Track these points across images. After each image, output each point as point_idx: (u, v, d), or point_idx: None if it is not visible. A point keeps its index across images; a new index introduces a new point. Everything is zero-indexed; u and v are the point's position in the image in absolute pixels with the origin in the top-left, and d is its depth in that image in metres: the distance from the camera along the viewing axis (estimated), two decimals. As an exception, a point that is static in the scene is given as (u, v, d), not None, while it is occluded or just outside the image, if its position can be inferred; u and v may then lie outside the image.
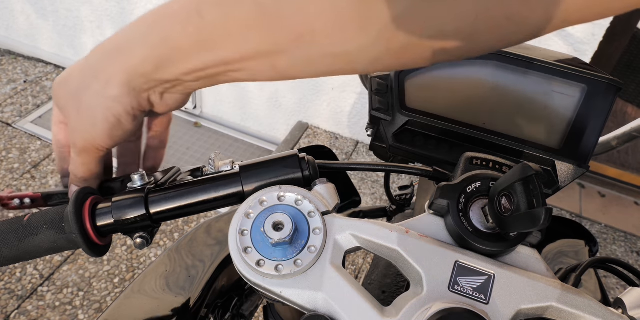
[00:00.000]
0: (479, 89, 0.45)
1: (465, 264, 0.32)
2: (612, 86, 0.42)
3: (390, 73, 0.46)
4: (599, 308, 0.32)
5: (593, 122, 0.43)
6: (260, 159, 0.38)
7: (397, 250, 0.33)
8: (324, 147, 0.61)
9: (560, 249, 0.66)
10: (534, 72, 0.43)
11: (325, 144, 2.27)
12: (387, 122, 0.46)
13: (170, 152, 2.20)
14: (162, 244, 1.78)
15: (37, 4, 2.42)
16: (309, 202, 0.34)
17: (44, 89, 2.49)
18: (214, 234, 0.60)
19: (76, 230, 0.34)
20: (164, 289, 0.51)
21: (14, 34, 2.68)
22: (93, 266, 1.68)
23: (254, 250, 0.32)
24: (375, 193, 2.07)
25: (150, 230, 0.38)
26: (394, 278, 0.76)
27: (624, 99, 2.51)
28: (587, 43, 1.53)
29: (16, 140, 2.16)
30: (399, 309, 0.31)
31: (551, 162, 0.43)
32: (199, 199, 0.37)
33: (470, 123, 0.45)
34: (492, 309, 0.31)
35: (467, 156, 0.38)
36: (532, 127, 0.44)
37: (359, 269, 1.77)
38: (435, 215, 0.35)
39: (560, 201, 2.10)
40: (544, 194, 0.29)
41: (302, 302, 0.31)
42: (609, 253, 1.92)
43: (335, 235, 0.33)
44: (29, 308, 1.54)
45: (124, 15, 2.22)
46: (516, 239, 0.33)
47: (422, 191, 0.71)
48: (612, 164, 2.18)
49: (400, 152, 0.47)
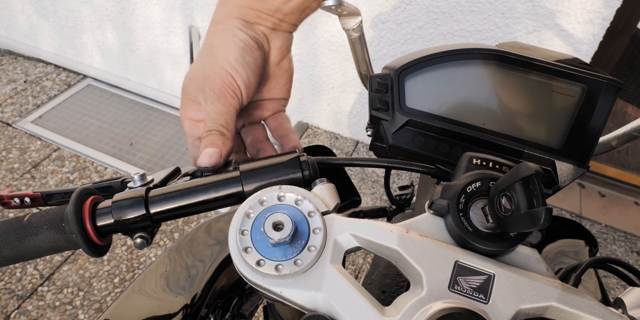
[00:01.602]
0: (479, 89, 0.45)
1: (465, 263, 0.32)
2: (612, 86, 0.42)
3: (390, 73, 0.46)
4: (599, 308, 0.32)
5: (593, 122, 0.43)
6: (261, 159, 0.38)
7: (397, 250, 0.33)
8: (324, 147, 0.61)
9: (560, 249, 0.66)
10: (534, 72, 0.43)
11: (325, 144, 2.27)
12: (387, 122, 0.46)
13: (170, 152, 2.20)
14: (162, 244, 1.78)
15: (37, 4, 2.42)
16: (309, 202, 0.34)
17: (44, 89, 2.49)
18: (214, 234, 0.60)
19: (76, 230, 0.34)
20: (164, 289, 0.51)
21: (14, 34, 2.68)
22: (93, 266, 1.68)
23: (254, 250, 0.32)
24: (375, 193, 2.07)
25: (150, 230, 0.38)
26: (394, 278, 0.76)
27: (624, 99, 2.52)
28: (587, 43, 1.53)
29: (16, 140, 2.16)
30: (399, 309, 0.31)
31: (551, 162, 0.43)
32: (199, 199, 0.37)
33: (470, 123, 0.45)
34: (492, 308, 0.31)
35: (467, 156, 0.38)
36: (532, 127, 0.44)
37: (359, 269, 1.77)
38: (435, 215, 0.35)
39: (560, 201, 2.10)
40: (544, 194, 0.29)
41: (302, 302, 0.31)
42: (609, 253, 1.92)
43: (335, 235, 0.33)
44: (29, 308, 1.54)
45: (124, 15, 2.22)
46: (516, 239, 0.33)
47: (422, 191, 0.71)
48: (612, 164, 2.18)
49: (400, 152, 0.47)
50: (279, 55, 0.47)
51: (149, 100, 2.50)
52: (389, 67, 0.47)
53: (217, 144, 0.40)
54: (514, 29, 1.58)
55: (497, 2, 1.54)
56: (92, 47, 2.48)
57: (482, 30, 1.63)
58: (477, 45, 0.45)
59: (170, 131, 2.32)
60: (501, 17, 1.57)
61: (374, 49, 1.86)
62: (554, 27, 1.54)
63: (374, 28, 1.79)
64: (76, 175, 2.04)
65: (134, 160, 2.15)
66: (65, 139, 2.20)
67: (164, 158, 2.17)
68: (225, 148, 0.40)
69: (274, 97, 0.50)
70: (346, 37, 0.51)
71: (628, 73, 2.50)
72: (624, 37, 1.59)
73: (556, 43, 1.58)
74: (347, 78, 2.02)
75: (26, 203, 0.42)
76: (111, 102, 2.46)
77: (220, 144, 0.40)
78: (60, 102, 2.43)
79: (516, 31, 1.59)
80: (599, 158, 2.18)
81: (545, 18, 1.52)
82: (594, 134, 0.43)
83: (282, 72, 0.49)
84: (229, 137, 0.41)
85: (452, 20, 1.64)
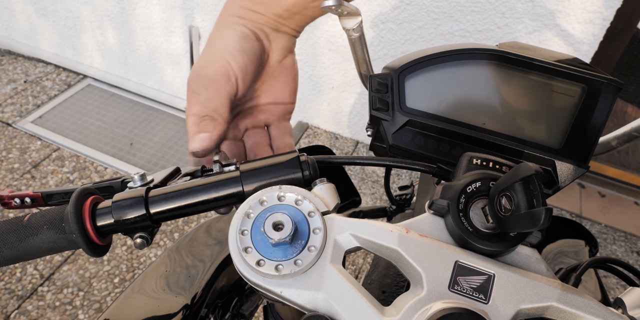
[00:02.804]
0: (479, 89, 0.45)
1: (465, 263, 0.32)
2: (612, 86, 0.42)
3: (390, 73, 0.46)
4: (599, 308, 0.32)
5: (593, 122, 0.43)
6: (261, 159, 0.38)
7: (397, 250, 0.33)
8: (324, 147, 0.61)
9: (560, 249, 0.66)
10: (534, 72, 0.43)
11: (325, 144, 2.27)
12: (387, 122, 0.46)
13: (171, 152, 2.20)
14: (162, 244, 1.78)
15: (37, 4, 2.42)
16: (309, 202, 0.34)
17: (44, 89, 2.49)
18: (214, 234, 0.60)
19: (76, 230, 0.34)
20: (164, 289, 0.51)
21: (14, 34, 2.68)
22: (93, 266, 1.68)
23: (254, 250, 0.32)
24: (375, 193, 2.07)
25: (150, 230, 0.38)
26: (394, 278, 0.76)
27: (624, 99, 2.51)
28: (587, 43, 1.53)
29: (16, 140, 2.16)
30: (399, 309, 0.31)
31: (551, 162, 0.43)
32: (199, 199, 0.37)
33: (470, 123, 0.45)
34: (492, 308, 0.31)
35: (467, 156, 0.38)
36: (532, 127, 0.44)
37: (359, 269, 1.77)
38: (435, 215, 0.35)
39: (560, 201, 2.10)
40: (544, 194, 0.29)
41: (302, 302, 0.31)
42: (609, 253, 1.92)
43: (335, 235, 0.33)
44: (29, 308, 1.54)
45: (124, 15, 2.22)
46: (516, 239, 0.33)
47: (422, 191, 0.71)
48: (612, 164, 2.17)
49: (400, 152, 0.47)
50: (280, 54, 0.47)
51: (149, 100, 2.50)
52: (389, 67, 0.47)
53: (207, 128, 0.41)
54: (514, 29, 1.58)
55: (497, 2, 1.54)
56: (92, 47, 2.48)
57: (482, 30, 1.63)
58: (477, 45, 0.45)
59: (170, 131, 2.32)
60: (501, 17, 1.57)
61: (374, 49, 1.86)
62: (554, 27, 1.54)
63: (374, 28, 1.79)
64: (76, 175, 2.04)
65: (134, 160, 2.15)
66: (65, 139, 2.20)
67: (164, 158, 2.17)
68: (216, 132, 0.41)
69: (280, 101, 0.49)
70: (346, 37, 0.51)
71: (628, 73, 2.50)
72: (624, 37, 1.59)
73: (556, 43, 1.58)
74: (347, 78, 2.02)
75: (26, 203, 0.42)
76: (111, 102, 2.46)
77: (211, 128, 0.41)
78: (60, 102, 2.43)
79: (516, 31, 1.59)
80: (599, 158, 2.18)
81: (546, 18, 1.52)
82: (594, 134, 0.43)
83: (285, 70, 0.49)
84: (220, 121, 0.41)
85: (452, 20, 1.64)
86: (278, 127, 0.50)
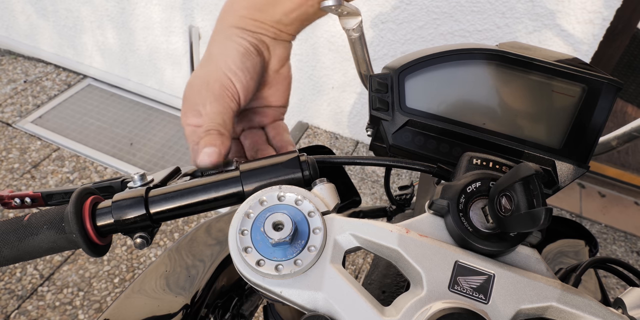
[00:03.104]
0: (479, 89, 0.45)
1: (465, 263, 0.32)
2: (612, 86, 0.42)
3: (390, 73, 0.46)
4: (599, 308, 0.32)
5: (593, 122, 0.43)
6: (261, 159, 0.38)
7: (397, 250, 0.33)
8: (324, 147, 0.61)
9: (560, 249, 0.66)
10: (534, 72, 0.43)
11: (325, 144, 2.27)
12: (387, 122, 0.46)
13: (171, 152, 2.20)
14: (162, 244, 1.78)
15: (37, 4, 2.42)
16: (309, 202, 0.34)
17: (44, 89, 2.49)
18: (214, 234, 0.60)
19: (76, 230, 0.34)
20: (164, 289, 0.51)
21: (14, 34, 2.68)
22: (93, 266, 1.68)
23: (254, 250, 0.32)
24: (375, 193, 2.07)
25: (150, 230, 0.38)
26: (394, 278, 0.76)
27: (624, 99, 2.52)
28: (587, 43, 1.53)
29: (16, 140, 2.16)
30: (399, 309, 0.31)
31: (551, 162, 0.43)
32: (199, 199, 0.37)
33: (470, 123, 0.45)
34: (492, 308, 0.31)
35: (467, 156, 0.38)
36: (532, 127, 0.44)
37: (359, 269, 1.77)
38: (435, 215, 0.35)
39: (560, 201, 2.10)
40: (544, 194, 0.29)
41: (302, 302, 0.31)
42: (609, 253, 1.92)
43: (335, 235, 0.33)
44: (29, 308, 1.54)
45: (124, 15, 2.22)
46: (516, 239, 0.33)
47: (422, 191, 0.71)
48: (612, 164, 2.18)
49: (400, 152, 0.47)
50: (278, 63, 0.48)
51: (149, 100, 2.50)
52: (389, 67, 0.47)
53: (215, 143, 0.40)
54: (514, 29, 1.58)
55: (497, 2, 1.54)
56: (92, 47, 2.48)
57: (482, 30, 1.63)
58: (477, 45, 0.45)
59: (170, 131, 2.32)
60: (501, 17, 1.57)
61: (374, 49, 1.86)
62: (554, 27, 1.54)
63: (374, 28, 1.79)
64: (76, 175, 2.04)
65: (134, 160, 2.15)
66: (65, 139, 2.20)
67: (164, 158, 2.17)
68: (224, 147, 0.41)
69: (274, 105, 0.50)
70: (346, 37, 0.51)
71: (628, 73, 2.50)
72: (624, 37, 1.59)
73: (556, 43, 1.58)
74: (347, 78, 2.02)
75: (26, 203, 0.42)
76: (111, 102, 2.46)
77: (219, 143, 0.40)
78: (60, 102, 2.43)
79: (516, 31, 1.59)
80: (599, 158, 2.18)
81: (545, 18, 1.52)
82: (594, 134, 0.43)
83: (281, 79, 0.49)
84: (227, 136, 0.42)
85: (452, 20, 1.64)
86: (273, 126, 0.51)
